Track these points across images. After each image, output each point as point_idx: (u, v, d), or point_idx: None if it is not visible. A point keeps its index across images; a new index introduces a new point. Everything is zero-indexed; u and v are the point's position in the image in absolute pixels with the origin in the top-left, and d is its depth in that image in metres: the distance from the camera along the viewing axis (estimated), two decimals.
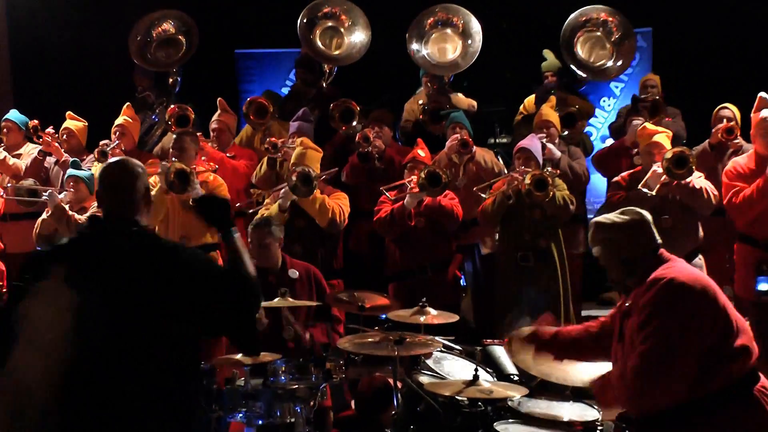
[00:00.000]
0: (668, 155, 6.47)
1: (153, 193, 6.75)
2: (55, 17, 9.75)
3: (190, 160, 6.95)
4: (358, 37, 8.55)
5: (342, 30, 8.58)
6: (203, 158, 7.38)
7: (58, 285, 3.10)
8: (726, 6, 9.34)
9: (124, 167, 3.33)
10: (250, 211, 7.17)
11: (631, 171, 6.89)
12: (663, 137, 6.74)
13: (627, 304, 3.69)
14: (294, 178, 6.66)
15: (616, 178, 6.94)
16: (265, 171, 7.34)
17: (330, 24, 8.58)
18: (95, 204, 6.88)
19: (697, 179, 6.56)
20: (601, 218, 3.80)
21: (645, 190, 6.47)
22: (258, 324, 5.48)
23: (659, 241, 3.75)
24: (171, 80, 8.82)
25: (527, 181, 6.57)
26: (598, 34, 8.39)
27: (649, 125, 6.97)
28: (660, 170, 6.49)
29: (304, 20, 8.49)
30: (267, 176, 7.32)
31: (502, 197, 6.75)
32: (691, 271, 3.66)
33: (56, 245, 3.33)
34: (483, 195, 6.84)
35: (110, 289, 3.08)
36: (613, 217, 3.77)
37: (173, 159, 6.92)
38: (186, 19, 8.82)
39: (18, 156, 8.01)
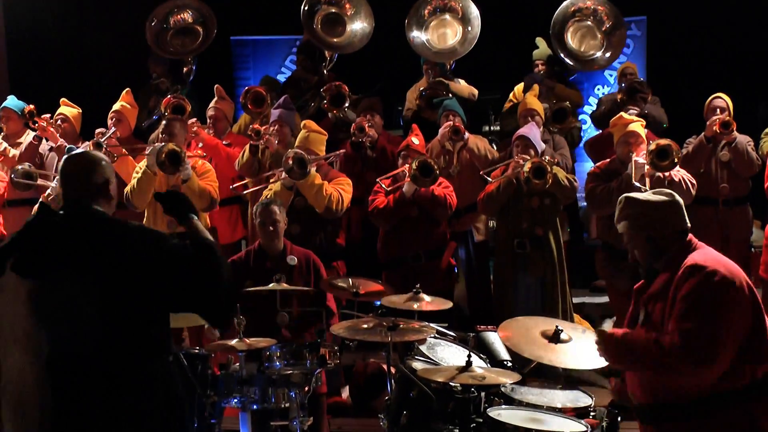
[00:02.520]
0: (651, 147, 6.48)
1: (139, 174, 6.77)
2: (52, 3, 9.74)
3: (179, 146, 6.94)
4: (360, 25, 8.51)
5: (345, 17, 8.55)
6: (199, 144, 7.39)
7: (13, 277, 3.14)
8: None
9: (83, 155, 3.47)
10: (245, 191, 7.18)
11: (607, 161, 6.90)
12: (638, 126, 6.76)
13: (655, 289, 3.66)
14: (290, 161, 6.66)
15: (591, 169, 6.97)
16: (247, 158, 7.31)
17: (333, 10, 8.54)
18: None
19: (675, 171, 6.58)
20: (633, 194, 3.80)
21: (638, 185, 6.48)
22: (280, 319, 5.52)
23: (689, 225, 3.74)
24: (185, 69, 8.78)
25: (526, 169, 6.59)
26: (589, 23, 8.38)
27: (624, 115, 6.97)
28: (641, 161, 6.50)
29: (306, 6, 8.44)
30: (249, 163, 7.28)
31: (507, 182, 6.77)
32: (728, 262, 3.63)
33: (8, 240, 3.33)
34: (489, 178, 6.85)
35: (67, 270, 3.10)
36: (646, 194, 3.78)
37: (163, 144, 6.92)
38: (205, 9, 8.78)
39: (19, 145, 7.90)
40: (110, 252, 3.14)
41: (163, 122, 7.21)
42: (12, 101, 8.05)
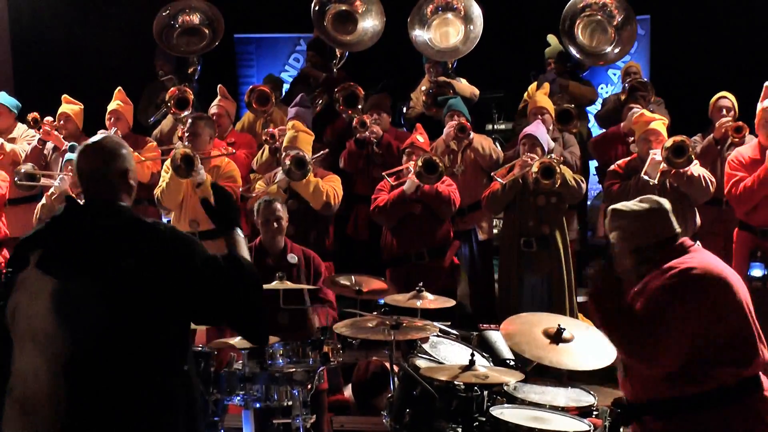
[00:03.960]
0: (668, 144, 6.47)
1: (165, 182, 6.78)
2: (56, 2, 9.75)
3: (204, 144, 6.91)
4: (372, 23, 8.48)
5: (356, 15, 8.53)
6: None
7: (36, 273, 3.02)
8: None
9: (98, 147, 3.22)
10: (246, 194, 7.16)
11: (628, 159, 6.89)
12: (660, 124, 6.75)
13: (636, 289, 3.66)
14: (288, 162, 6.67)
15: (612, 167, 6.95)
16: (267, 158, 7.33)
17: (343, 8, 8.51)
18: None
19: (694, 167, 6.58)
20: (619, 205, 3.75)
21: (646, 177, 6.48)
22: (281, 318, 5.50)
23: (678, 229, 3.69)
24: (191, 69, 8.79)
25: (534, 168, 6.58)
26: (599, 17, 8.37)
27: (646, 113, 6.98)
28: (658, 158, 6.50)
29: (317, 4, 8.43)
30: (269, 163, 7.32)
31: (513, 182, 6.75)
32: (712, 262, 3.60)
33: (33, 231, 3.20)
34: (499, 180, 6.83)
35: (91, 272, 2.97)
36: (631, 204, 3.72)
37: (186, 143, 6.91)
38: (214, 12, 8.78)
39: (12, 140, 7.99)
40: (138, 255, 3.00)
41: (188, 121, 7.17)
42: (3, 97, 8.15)
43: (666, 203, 3.73)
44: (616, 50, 8.36)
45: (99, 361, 2.96)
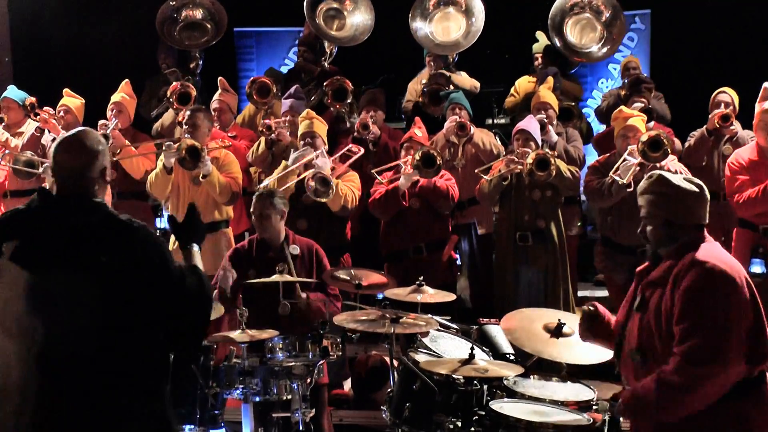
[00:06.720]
0: (644, 138, 6.44)
1: (155, 173, 6.79)
2: None
3: (203, 136, 6.90)
4: (361, 18, 8.49)
5: (345, 12, 8.53)
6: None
7: (10, 264, 3.03)
8: None
9: (80, 144, 3.21)
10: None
11: (607, 155, 6.87)
12: (638, 120, 6.73)
13: (656, 275, 3.62)
14: (312, 183, 6.59)
15: (592, 162, 6.96)
16: (263, 150, 7.32)
17: (334, 5, 8.53)
18: None
19: (671, 162, 6.54)
20: (668, 174, 3.75)
21: (617, 179, 6.44)
22: (282, 309, 5.50)
23: (707, 221, 3.71)
24: (193, 64, 8.80)
25: (530, 160, 6.58)
26: (588, 15, 8.36)
27: (624, 109, 6.95)
28: (632, 161, 6.45)
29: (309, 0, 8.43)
30: (264, 156, 7.31)
31: (498, 179, 6.77)
32: (730, 258, 3.61)
33: (4, 217, 3.22)
34: (484, 176, 6.84)
35: (66, 267, 3.00)
36: (679, 179, 3.72)
37: (186, 135, 6.90)
38: (217, 8, 8.80)
39: (20, 134, 7.94)
40: (112, 251, 3.02)
41: (187, 113, 7.15)
42: (13, 91, 8.09)
43: (706, 191, 3.74)
44: (606, 48, 8.34)
45: (72, 356, 2.98)
